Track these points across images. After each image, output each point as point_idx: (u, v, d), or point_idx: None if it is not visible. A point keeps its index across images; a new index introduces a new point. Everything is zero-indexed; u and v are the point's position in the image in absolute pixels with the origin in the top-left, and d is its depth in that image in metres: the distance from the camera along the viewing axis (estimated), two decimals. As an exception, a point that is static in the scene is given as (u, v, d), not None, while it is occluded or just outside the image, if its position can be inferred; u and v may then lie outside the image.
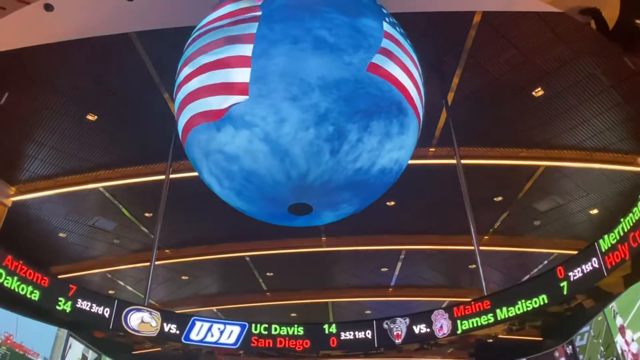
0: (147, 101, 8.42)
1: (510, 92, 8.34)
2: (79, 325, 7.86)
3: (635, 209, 6.12)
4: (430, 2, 6.74)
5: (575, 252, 6.74)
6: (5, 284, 6.69)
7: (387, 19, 4.97)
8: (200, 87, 4.52)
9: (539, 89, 8.22)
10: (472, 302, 8.34)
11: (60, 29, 6.69)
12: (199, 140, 4.69)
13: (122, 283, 14.08)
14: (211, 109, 4.50)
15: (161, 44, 7.28)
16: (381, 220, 11.54)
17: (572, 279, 7.05)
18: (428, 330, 8.64)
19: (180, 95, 4.77)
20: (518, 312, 7.72)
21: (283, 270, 14.00)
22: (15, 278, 6.86)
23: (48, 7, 6.29)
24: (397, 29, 5.05)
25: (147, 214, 11.25)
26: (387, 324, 9.05)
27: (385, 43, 4.61)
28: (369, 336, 9.05)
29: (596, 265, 6.74)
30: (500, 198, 10.91)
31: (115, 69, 7.87)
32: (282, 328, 9.02)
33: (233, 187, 4.89)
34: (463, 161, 8.88)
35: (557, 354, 14.63)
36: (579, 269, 7.00)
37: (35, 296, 7.10)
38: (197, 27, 4.94)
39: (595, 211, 11.16)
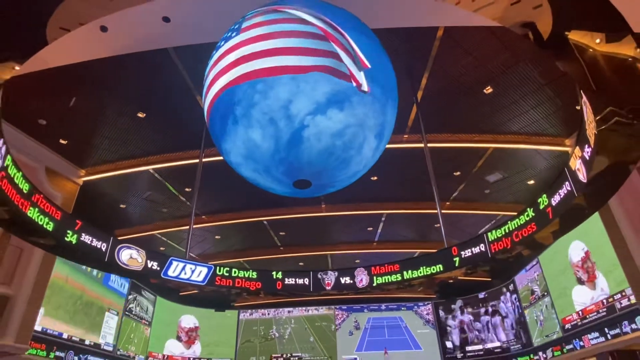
0: (184, 101, 8.35)
1: (466, 90, 8.26)
2: (80, 256, 7.27)
3: (522, 216, 6.48)
4: (404, 19, 6.61)
5: (515, 213, 6.76)
6: (29, 214, 6.17)
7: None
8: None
9: (489, 87, 8.14)
10: (386, 264, 8.38)
11: (113, 45, 6.61)
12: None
13: (169, 241, 14.21)
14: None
15: (193, 56, 7.19)
16: (367, 191, 11.61)
17: (462, 256, 7.33)
18: (351, 281, 8.66)
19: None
20: (419, 275, 7.84)
21: (293, 230, 14.10)
22: (36, 209, 6.29)
23: (103, 29, 6.21)
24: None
25: (187, 189, 11.27)
26: (320, 275, 8.97)
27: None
28: (306, 283, 8.95)
29: (483, 249, 7.07)
30: (458, 173, 10.91)
31: (157, 76, 7.78)
32: (240, 272, 8.69)
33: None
34: (429, 145, 8.83)
35: (504, 289, 14.96)
36: (469, 250, 7.28)
37: (50, 227, 6.47)
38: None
39: (531, 182, 11.18)
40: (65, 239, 6.72)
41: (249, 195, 10.91)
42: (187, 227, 10.02)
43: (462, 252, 7.31)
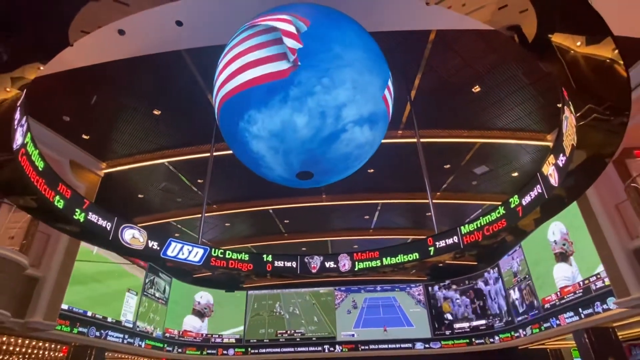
0: (195, 99, 8.32)
1: (456, 89, 8.20)
2: (86, 234, 6.86)
3: (494, 213, 6.51)
4: (399, 23, 6.55)
5: (499, 203, 6.76)
6: (42, 192, 5.81)
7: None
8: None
9: (477, 86, 8.08)
10: (367, 251, 8.25)
11: (129, 48, 6.58)
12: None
13: (183, 228, 14.27)
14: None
15: (204, 57, 7.14)
16: (364, 182, 11.60)
17: (437, 246, 7.28)
18: (335, 265, 8.47)
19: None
20: (398, 261, 7.78)
21: (296, 218, 14.12)
22: (49, 187, 5.91)
23: (121, 32, 6.17)
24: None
25: (199, 180, 11.28)
26: (307, 259, 8.74)
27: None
28: (294, 266, 8.68)
29: (456, 241, 7.00)
30: (448, 165, 10.89)
31: (171, 76, 7.74)
32: (233, 254, 8.33)
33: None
34: (422, 140, 8.79)
35: (489, 268, 15.06)
36: (443, 241, 7.21)
37: (60, 204, 6.09)
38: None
39: (515, 174, 11.16)
40: (74, 217, 6.41)
41: (256, 186, 10.92)
42: (200, 215, 10.04)
43: (437, 243, 7.28)
